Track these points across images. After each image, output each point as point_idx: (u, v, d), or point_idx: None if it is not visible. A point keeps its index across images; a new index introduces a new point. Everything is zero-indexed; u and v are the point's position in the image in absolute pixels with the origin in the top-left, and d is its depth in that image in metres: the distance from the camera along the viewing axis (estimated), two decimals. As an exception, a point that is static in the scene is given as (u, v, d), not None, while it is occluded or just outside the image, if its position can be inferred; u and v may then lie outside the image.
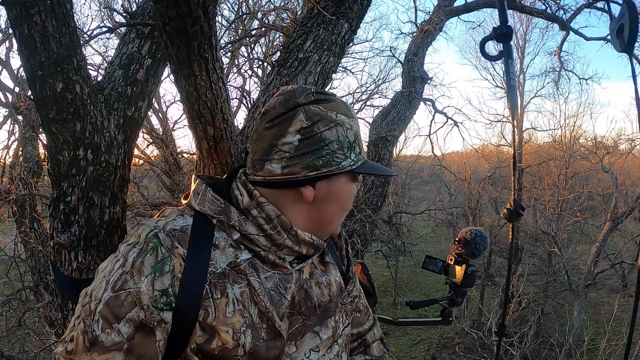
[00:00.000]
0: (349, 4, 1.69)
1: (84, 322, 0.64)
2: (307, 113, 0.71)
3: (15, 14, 1.19)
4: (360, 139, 0.77)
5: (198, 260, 0.66)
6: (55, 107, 1.29)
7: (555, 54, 6.80)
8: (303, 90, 0.73)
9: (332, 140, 0.71)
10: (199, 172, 1.33)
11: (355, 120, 0.77)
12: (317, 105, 0.72)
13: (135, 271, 0.64)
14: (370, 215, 3.88)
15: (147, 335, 0.63)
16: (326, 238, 0.80)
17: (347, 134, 0.73)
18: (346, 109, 0.75)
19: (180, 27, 0.90)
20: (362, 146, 0.77)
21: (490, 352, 6.40)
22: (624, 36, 0.52)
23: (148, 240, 0.66)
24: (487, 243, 1.26)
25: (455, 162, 16.45)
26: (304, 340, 0.74)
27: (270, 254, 0.71)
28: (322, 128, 0.71)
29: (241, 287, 0.68)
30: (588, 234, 11.71)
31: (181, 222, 0.69)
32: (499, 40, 0.56)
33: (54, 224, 1.42)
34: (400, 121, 4.33)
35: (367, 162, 0.77)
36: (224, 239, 0.70)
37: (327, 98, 0.74)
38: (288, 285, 0.73)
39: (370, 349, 0.94)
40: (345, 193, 0.76)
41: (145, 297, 0.62)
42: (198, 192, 0.73)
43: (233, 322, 0.66)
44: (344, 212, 0.79)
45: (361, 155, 0.76)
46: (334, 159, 0.71)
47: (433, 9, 4.92)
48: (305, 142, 0.70)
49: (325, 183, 0.73)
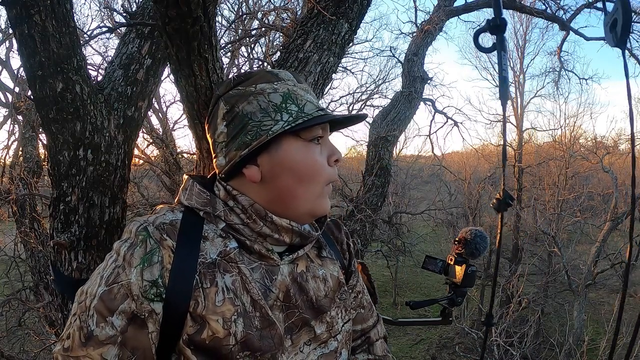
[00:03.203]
0: (349, 4, 1.69)
1: (79, 318, 0.64)
2: (225, 99, 0.72)
3: (15, 14, 1.19)
4: (298, 96, 0.71)
5: (187, 251, 0.66)
6: (55, 107, 1.29)
7: (555, 54, 6.80)
8: (224, 82, 0.74)
9: (254, 112, 0.69)
10: (199, 172, 1.33)
11: (285, 82, 0.72)
12: (236, 88, 0.72)
13: (126, 264, 0.64)
14: (370, 215, 3.88)
15: (139, 327, 0.64)
16: (307, 219, 0.75)
17: (271, 98, 0.70)
18: (271, 75, 0.72)
19: (180, 27, 0.90)
20: (305, 102, 0.71)
21: (490, 352, 6.40)
22: (617, 30, 0.52)
23: (138, 233, 0.66)
24: (487, 243, 1.25)
25: (455, 162, 16.45)
26: (300, 334, 0.73)
27: (257, 244, 0.71)
28: (242, 105, 0.70)
29: (232, 275, 0.68)
30: (588, 234, 11.71)
31: (170, 216, 0.70)
32: (492, 33, 0.56)
33: (54, 224, 1.43)
34: (400, 121, 4.33)
35: (318, 117, 0.70)
36: (213, 231, 0.70)
37: (247, 76, 0.72)
38: (274, 277, 0.72)
39: (374, 347, 0.92)
40: (296, 158, 0.70)
41: (135, 287, 0.63)
42: (186, 188, 0.74)
43: (223, 311, 0.66)
44: (305, 180, 0.70)
45: (303, 112, 0.70)
46: (262, 128, 0.69)
47: (433, 9, 4.92)
48: (231, 125, 0.71)
49: (266, 156, 0.70)
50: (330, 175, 0.74)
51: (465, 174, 13.14)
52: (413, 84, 4.48)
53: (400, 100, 4.42)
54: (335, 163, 0.75)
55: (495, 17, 0.55)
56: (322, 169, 0.72)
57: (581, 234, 11.92)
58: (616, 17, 0.52)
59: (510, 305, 6.93)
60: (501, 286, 9.28)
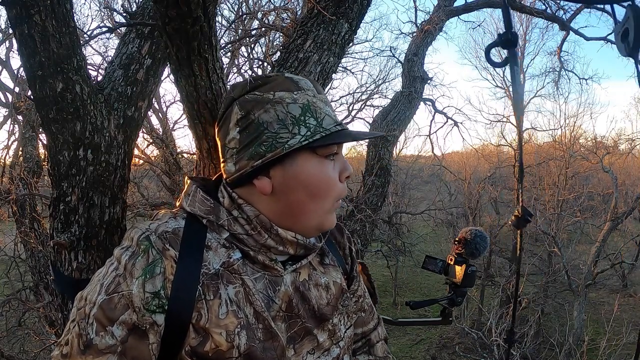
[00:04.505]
0: (349, 4, 1.69)
1: (78, 325, 0.63)
2: (240, 103, 0.68)
3: (15, 14, 1.19)
4: (317, 108, 0.68)
5: (190, 262, 0.65)
6: (55, 107, 1.29)
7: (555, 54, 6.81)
8: (239, 83, 0.70)
9: (270, 122, 0.66)
10: (199, 172, 1.33)
11: (305, 92, 0.68)
12: (253, 92, 0.68)
13: (127, 274, 0.63)
14: (370, 215, 3.88)
15: (140, 338, 0.63)
16: (313, 233, 0.73)
17: (290, 109, 0.67)
18: (290, 83, 0.69)
19: (180, 27, 0.90)
20: (324, 116, 0.69)
21: (490, 352, 6.40)
22: (629, 40, 0.51)
23: (139, 242, 0.65)
24: (487, 243, 1.25)
25: (455, 162, 16.46)
26: (303, 343, 0.73)
27: (260, 254, 0.69)
28: (258, 112, 0.67)
29: (235, 287, 0.67)
30: (588, 234, 11.72)
31: (173, 224, 0.68)
32: (504, 47, 0.56)
33: (54, 224, 1.43)
34: (400, 121, 4.34)
35: (336, 133, 0.68)
36: (216, 240, 0.69)
37: (265, 81, 0.69)
38: (277, 288, 0.70)
39: (375, 349, 0.92)
40: (311, 174, 0.68)
41: (136, 299, 0.62)
42: (189, 193, 0.73)
43: (226, 324, 0.65)
44: (317, 196, 0.69)
45: (322, 127, 0.67)
46: (278, 140, 0.66)
47: (433, 9, 4.93)
48: (244, 132, 0.68)
49: (280, 169, 0.67)
50: (341, 192, 0.72)
51: (465, 174, 13.14)
52: (413, 84, 4.48)
53: (400, 100, 4.42)
54: (346, 179, 0.73)
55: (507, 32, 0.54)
56: (335, 186, 0.71)
57: (581, 234, 11.93)
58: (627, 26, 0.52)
59: (510, 305, 6.92)
60: (501, 286, 9.29)
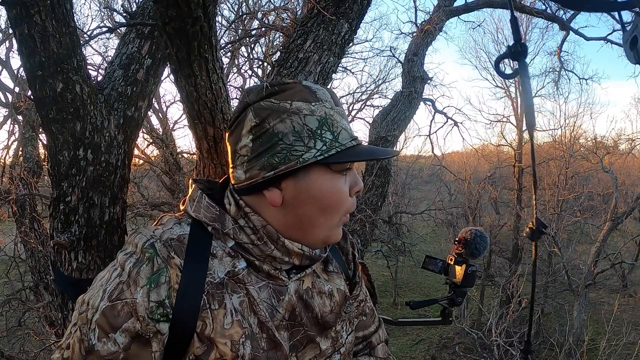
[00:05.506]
0: (349, 4, 1.69)
1: (80, 330, 0.63)
2: (255, 110, 0.66)
3: (15, 14, 1.19)
4: (334, 122, 0.67)
5: (195, 270, 0.64)
6: (55, 107, 1.29)
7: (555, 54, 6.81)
8: (255, 88, 0.68)
9: (286, 133, 0.64)
10: (199, 172, 1.33)
11: (322, 103, 0.67)
12: (270, 99, 0.66)
13: (131, 281, 0.62)
14: (370, 215, 3.88)
15: (143, 346, 0.62)
16: (319, 245, 0.73)
17: (306, 121, 0.65)
18: (308, 93, 0.66)
19: (180, 27, 0.90)
20: (341, 130, 0.67)
21: (490, 352, 6.40)
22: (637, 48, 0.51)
23: (144, 250, 0.64)
24: (487, 243, 1.26)
25: (455, 162, 16.46)
26: (306, 351, 0.73)
27: (266, 264, 0.69)
28: (273, 122, 0.65)
29: (240, 296, 0.67)
30: (588, 234, 11.72)
31: (178, 230, 0.67)
32: (514, 59, 0.55)
33: (54, 224, 1.43)
34: (400, 121, 4.33)
35: (351, 148, 0.67)
36: (221, 248, 0.68)
37: (282, 88, 0.66)
38: (282, 297, 0.70)
39: (375, 351, 0.92)
40: (323, 189, 0.67)
41: (141, 308, 0.61)
42: (194, 198, 0.71)
43: (231, 334, 0.65)
44: (328, 211, 0.68)
45: (337, 141, 0.66)
46: (292, 152, 0.64)
47: (433, 9, 4.93)
48: (258, 141, 0.66)
49: (292, 181, 0.66)
50: (351, 206, 0.72)
51: (465, 174, 13.13)
52: (413, 84, 4.48)
53: (400, 100, 4.42)
54: (356, 194, 0.72)
55: (516, 43, 0.54)
56: (346, 200, 0.70)
57: (581, 234, 11.93)
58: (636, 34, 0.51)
59: (510, 305, 6.92)
60: (501, 286, 9.28)
